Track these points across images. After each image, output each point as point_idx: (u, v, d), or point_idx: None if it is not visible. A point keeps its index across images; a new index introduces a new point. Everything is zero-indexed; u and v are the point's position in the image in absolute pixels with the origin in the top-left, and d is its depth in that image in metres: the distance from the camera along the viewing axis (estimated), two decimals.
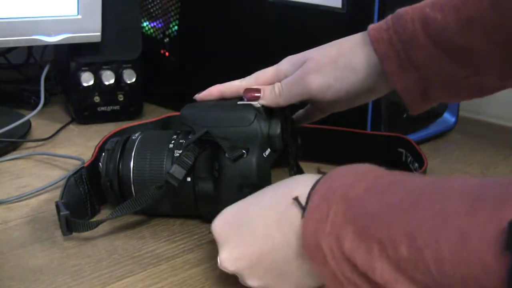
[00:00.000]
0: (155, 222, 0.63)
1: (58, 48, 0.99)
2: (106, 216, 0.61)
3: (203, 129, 0.58)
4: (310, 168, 0.70)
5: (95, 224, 0.60)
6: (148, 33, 1.00)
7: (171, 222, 0.63)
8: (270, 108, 0.61)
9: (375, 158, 0.79)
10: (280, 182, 0.51)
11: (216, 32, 0.92)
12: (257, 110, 0.59)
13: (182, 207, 0.62)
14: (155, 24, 0.99)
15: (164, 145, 0.61)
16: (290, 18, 0.82)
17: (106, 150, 0.63)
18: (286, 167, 0.64)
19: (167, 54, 0.98)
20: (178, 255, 0.58)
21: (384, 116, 0.79)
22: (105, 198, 0.64)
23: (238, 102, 0.61)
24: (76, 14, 0.85)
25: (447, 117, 0.91)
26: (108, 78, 0.92)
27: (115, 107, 0.94)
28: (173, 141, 0.61)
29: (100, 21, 0.87)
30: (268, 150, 0.58)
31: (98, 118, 0.93)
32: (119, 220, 0.63)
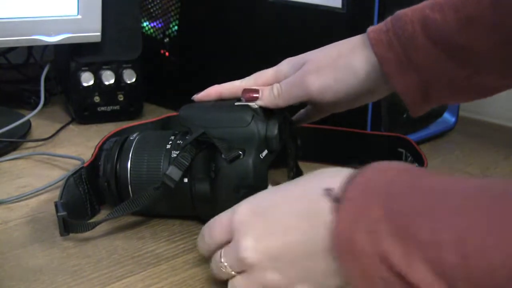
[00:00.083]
0: (155, 222, 0.63)
1: (58, 48, 0.99)
2: (105, 216, 0.61)
3: (200, 129, 0.58)
4: (310, 168, 0.70)
5: (92, 225, 0.59)
6: (148, 33, 0.99)
7: (170, 222, 0.63)
8: (268, 109, 0.60)
9: (375, 158, 0.80)
10: (309, 174, 0.48)
11: (216, 32, 0.92)
12: (254, 111, 0.59)
13: (179, 208, 0.61)
14: (155, 24, 0.99)
15: (162, 145, 0.61)
16: (290, 18, 0.82)
17: (104, 150, 0.63)
18: (285, 167, 0.64)
19: (167, 54, 0.98)
20: (178, 255, 0.58)
21: (384, 116, 0.79)
22: (104, 198, 0.64)
23: (236, 103, 0.61)
24: (76, 14, 0.85)
25: (447, 117, 0.91)
26: (108, 78, 0.92)
27: (115, 107, 0.94)
28: (170, 141, 0.61)
29: (100, 21, 0.87)
30: (265, 151, 0.58)
31: (98, 118, 0.93)
32: (119, 220, 0.63)
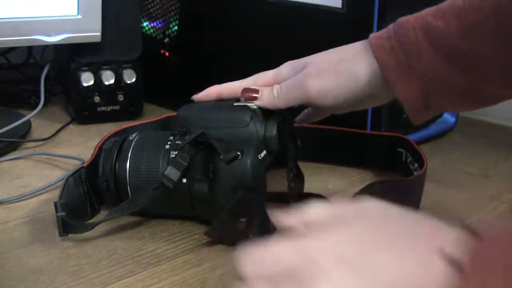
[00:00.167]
0: (154, 222, 0.63)
1: (58, 48, 0.99)
2: (104, 216, 0.61)
3: (199, 130, 0.58)
4: (310, 168, 0.70)
5: (91, 226, 0.59)
6: (148, 33, 0.99)
7: (170, 222, 0.63)
8: (268, 110, 0.60)
9: (375, 158, 0.80)
10: (409, 220, 0.41)
11: (216, 32, 0.92)
12: (253, 111, 0.59)
13: (178, 208, 0.61)
14: (155, 24, 0.99)
15: (161, 146, 0.60)
16: (290, 18, 0.82)
17: (103, 150, 0.63)
18: (285, 168, 0.64)
19: (167, 54, 0.98)
20: (178, 255, 0.58)
21: (384, 116, 0.79)
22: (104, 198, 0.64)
23: (235, 104, 0.61)
24: (76, 14, 0.85)
25: (447, 117, 0.91)
26: (108, 78, 0.92)
27: (115, 107, 0.94)
28: (169, 142, 0.60)
29: (100, 21, 0.87)
30: (264, 152, 0.58)
31: (98, 118, 0.93)
32: (119, 220, 0.63)
